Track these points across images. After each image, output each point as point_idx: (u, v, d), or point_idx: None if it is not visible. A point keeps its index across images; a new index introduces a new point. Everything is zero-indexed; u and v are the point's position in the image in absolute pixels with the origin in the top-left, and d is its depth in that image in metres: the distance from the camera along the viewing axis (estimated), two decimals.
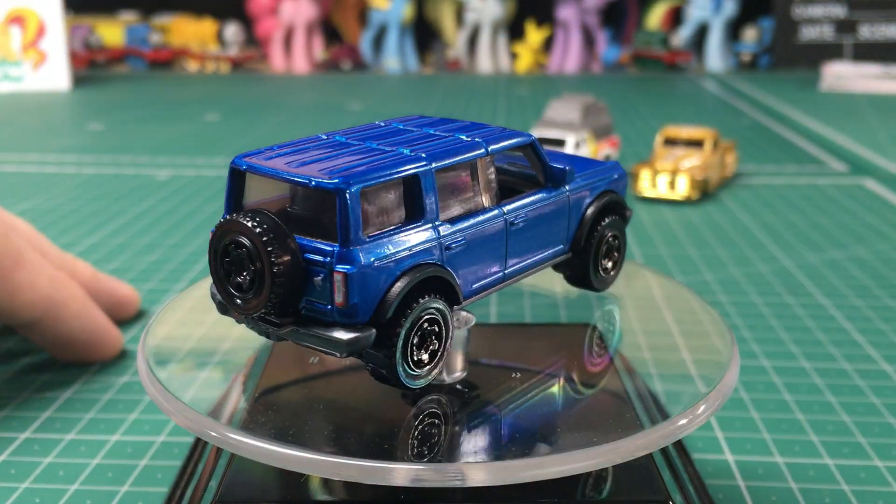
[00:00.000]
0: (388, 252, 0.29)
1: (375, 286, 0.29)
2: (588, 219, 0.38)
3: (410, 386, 0.31)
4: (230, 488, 0.31)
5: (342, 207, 0.28)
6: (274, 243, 0.28)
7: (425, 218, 0.30)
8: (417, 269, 0.30)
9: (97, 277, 0.55)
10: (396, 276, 0.29)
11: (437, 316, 0.31)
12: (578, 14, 2.08)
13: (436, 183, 0.31)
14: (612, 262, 0.40)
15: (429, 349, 0.31)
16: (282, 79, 2.01)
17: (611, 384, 0.37)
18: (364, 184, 0.28)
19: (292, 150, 0.31)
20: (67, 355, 0.50)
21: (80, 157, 1.10)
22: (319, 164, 0.29)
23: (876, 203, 0.87)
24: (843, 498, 0.38)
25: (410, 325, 0.30)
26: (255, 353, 0.41)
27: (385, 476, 0.27)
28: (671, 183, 0.87)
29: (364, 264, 0.28)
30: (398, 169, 0.30)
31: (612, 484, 0.31)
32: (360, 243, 0.28)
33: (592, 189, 0.38)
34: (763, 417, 0.44)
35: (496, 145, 0.34)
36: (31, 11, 1.74)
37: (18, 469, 0.40)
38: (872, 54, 1.95)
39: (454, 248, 0.31)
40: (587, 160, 0.40)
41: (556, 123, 0.92)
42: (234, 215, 0.29)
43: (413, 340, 0.30)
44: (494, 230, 0.33)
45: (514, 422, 0.34)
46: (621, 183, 0.40)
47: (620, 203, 0.40)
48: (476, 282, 0.33)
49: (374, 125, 0.35)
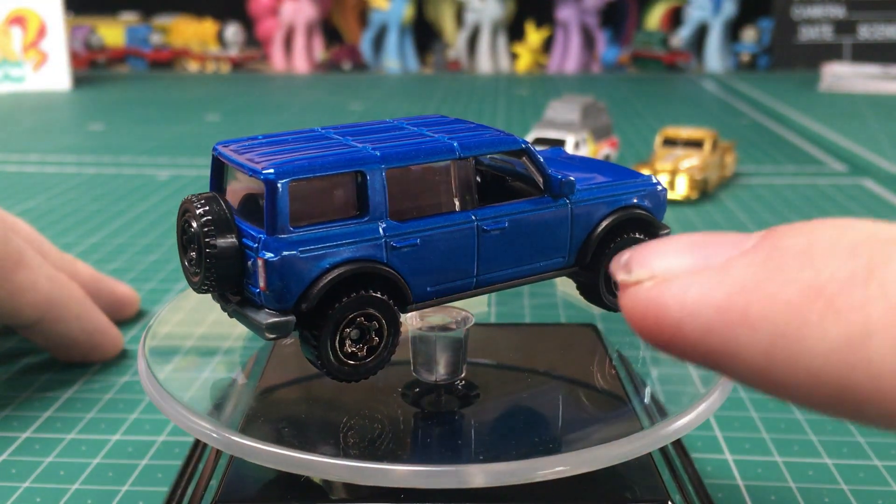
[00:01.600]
0: (316, 244, 0.30)
1: (299, 275, 0.29)
2: (598, 233, 0.35)
3: (344, 378, 0.31)
4: (231, 488, 0.31)
5: (270, 197, 0.29)
6: (212, 227, 0.30)
7: (370, 215, 0.31)
8: (351, 263, 0.30)
9: (97, 278, 0.55)
10: (325, 267, 0.30)
11: (375, 312, 0.31)
12: (578, 14, 2.08)
13: (385, 181, 0.31)
14: None
15: (368, 345, 0.31)
16: (282, 79, 2.01)
17: (610, 384, 0.37)
18: (295, 177, 0.29)
19: (271, 141, 0.32)
20: (68, 356, 0.50)
21: (81, 158, 1.10)
22: (276, 155, 0.30)
23: (875, 203, 0.87)
24: (842, 497, 0.38)
25: (339, 317, 0.30)
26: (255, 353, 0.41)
27: (384, 478, 0.27)
28: (670, 183, 0.87)
29: (287, 253, 0.29)
30: (340, 165, 0.30)
31: (611, 484, 0.31)
32: (285, 233, 0.29)
33: (611, 202, 0.35)
34: (762, 417, 0.45)
35: (473, 150, 0.32)
36: (31, 12, 1.74)
37: (19, 468, 0.40)
38: (871, 55, 1.95)
39: (403, 247, 0.31)
40: (623, 171, 0.38)
41: (555, 124, 0.92)
42: (191, 197, 0.31)
43: (350, 334, 0.30)
44: (461, 234, 0.32)
45: (513, 422, 0.34)
46: (654, 200, 0.37)
47: (646, 220, 0.36)
48: (436, 284, 0.32)
49: (375, 122, 0.35)
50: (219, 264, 0.30)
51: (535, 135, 0.92)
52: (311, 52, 2.18)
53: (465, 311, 0.36)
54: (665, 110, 1.48)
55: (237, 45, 2.17)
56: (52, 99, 1.65)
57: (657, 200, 0.37)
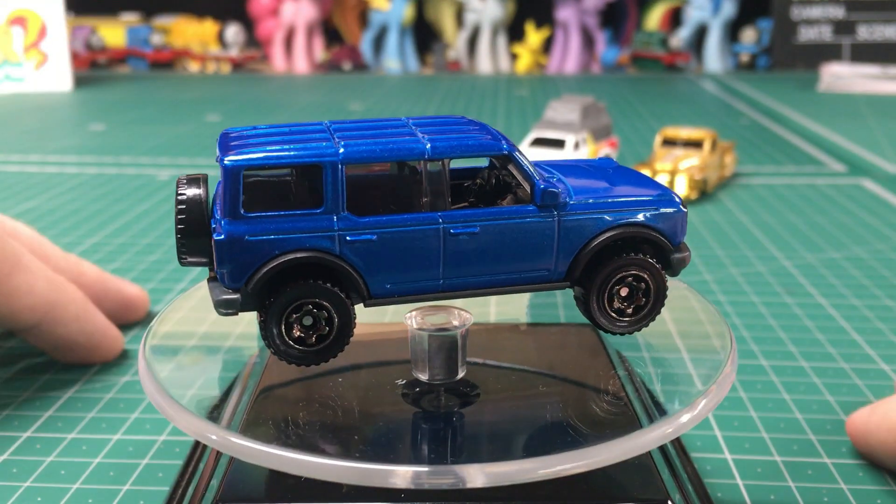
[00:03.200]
0: (266, 230, 0.31)
1: (247, 258, 0.31)
2: (590, 249, 0.33)
3: (293, 362, 0.32)
4: (231, 487, 0.31)
5: (225, 183, 0.31)
6: (183, 204, 0.32)
7: (325, 207, 0.31)
8: (301, 251, 0.31)
9: (104, 278, 0.55)
10: (274, 253, 0.31)
11: (322, 301, 0.32)
12: (578, 15, 2.08)
13: (343, 177, 0.31)
14: (631, 307, 0.35)
15: (317, 333, 0.32)
16: (282, 79, 2.02)
17: (610, 384, 0.37)
18: (249, 165, 0.31)
19: (263, 132, 0.33)
20: (68, 357, 0.50)
21: (82, 158, 1.10)
22: (247, 146, 0.32)
23: (874, 203, 0.87)
24: (842, 496, 0.38)
25: (285, 301, 0.31)
26: (255, 353, 0.41)
27: (385, 478, 0.27)
28: (670, 183, 0.87)
29: (235, 236, 0.31)
30: (298, 159, 0.31)
31: (611, 483, 0.31)
32: (238, 217, 0.31)
33: (611, 218, 0.33)
34: (761, 416, 0.45)
35: (444, 153, 0.32)
36: (32, 12, 1.74)
37: (20, 468, 0.40)
38: (870, 55, 1.95)
39: (357, 242, 0.32)
40: (642, 183, 0.36)
41: (555, 124, 0.92)
42: (185, 176, 0.33)
43: (300, 319, 0.32)
44: (424, 235, 0.32)
45: (513, 422, 0.34)
46: (668, 220, 0.34)
47: (655, 242, 0.34)
48: (397, 283, 0.32)
49: (382, 119, 0.35)
50: (187, 240, 0.32)
51: (535, 135, 0.92)
52: (311, 53, 2.18)
53: (464, 311, 0.36)
54: (665, 110, 1.48)
55: (238, 46, 2.17)
56: (52, 99, 1.65)
57: (672, 221, 0.34)
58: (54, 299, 0.47)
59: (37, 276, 0.46)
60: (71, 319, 0.48)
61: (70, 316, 0.48)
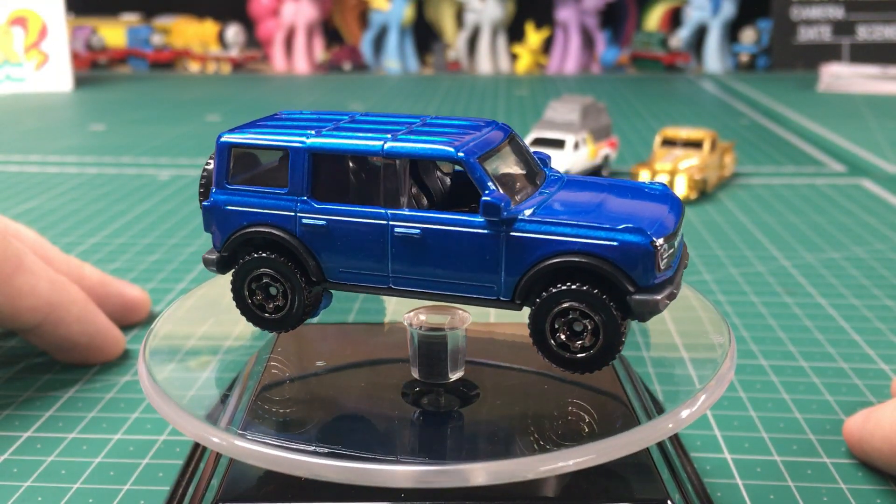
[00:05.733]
0: (241, 202, 0.35)
1: (222, 224, 0.35)
2: (531, 273, 0.31)
3: (257, 325, 0.36)
4: (231, 487, 0.31)
5: (217, 156, 0.35)
6: (205, 174, 0.36)
7: (289, 189, 0.34)
8: (263, 226, 0.34)
9: (105, 281, 0.55)
10: (242, 224, 0.35)
11: (276, 274, 0.34)
12: (577, 15, 2.08)
13: (308, 164, 0.33)
14: (580, 342, 0.31)
15: (273, 302, 0.35)
16: (283, 80, 2.02)
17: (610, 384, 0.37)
18: (235, 144, 0.35)
19: (294, 116, 0.37)
20: (69, 358, 0.50)
21: (82, 158, 1.10)
22: (260, 127, 0.35)
23: (873, 203, 0.87)
24: (841, 496, 0.38)
25: (245, 269, 0.35)
26: (255, 353, 0.41)
27: (386, 478, 0.27)
28: (670, 183, 0.87)
29: (217, 203, 0.35)
30: (273, 142, 0.34)
31: (611, 483, 0.31)
32: (222, 188, 0.35)
33: (562, 242, 0.31)
34: (761, 416, 0.45)
35: (399, 153, 0.32)
36: (33, 13, 1.74)
37: (21, 468, 0.40)
38: (870, 55, 1.95)
39: (311, 225, 0.33)
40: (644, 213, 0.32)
41: (555, 124, 0.92)
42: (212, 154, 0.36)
43: (264, 289, 0.35)
44: (370, 229, 0.33)
45: (513, 422, 0.34)
46: (629, 255, 0.30)
47: (601, 274, 0.30)
48: (346, 269, 0.34)
49: (397, 115, 0.37)
50: (204, 185, 0.36)
51: (534, 135, 0.92)
52: (311, 53, 2.18)
53: (464, 312, 0.36)
54: (664, 110, 1.48)
55: (238, 46, 2.18)
56: (53, 99, 1.65)
57: (632, 257, 0.30)
58: (56, 300, 0.47)
59: (39, 277, 0.47)
60: (73, 320, 0.48)
61: (72, 317, 0.48)
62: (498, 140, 0.34)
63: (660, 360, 0.41)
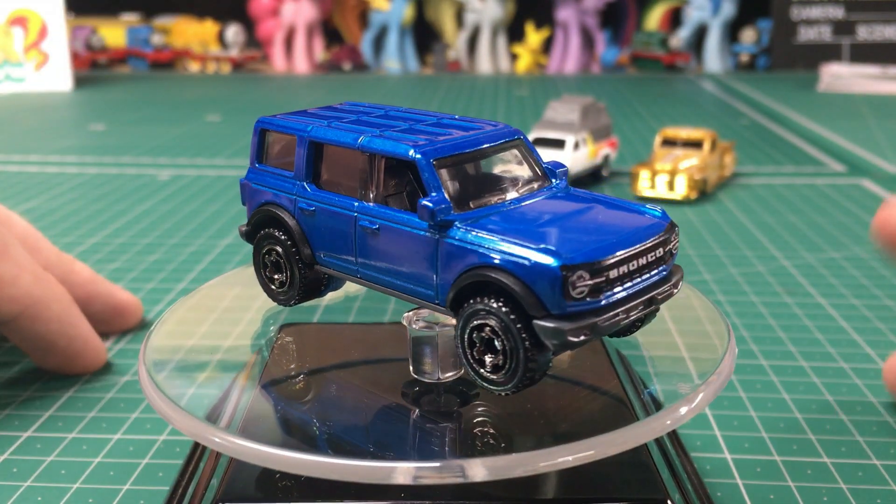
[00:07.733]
0: (262, 181, 0.38)
1: (250, 200, 0.39)
2: (457, 282, 0.31)
3: (270, 296, 0.39)
4: (231, 487, 0.31)
5: (253, 138, 0.39)
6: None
7: (294, 174, 0.37)
8: (272, 206, 0.37)
9: (95, 280, 0.54)
10: (262, 202, 0.38)
11: (278, 250, 0.37)
12: (577, 15, 2.08)
13: (309, 152, 0.36)
14: (493, 362, 0.30)
15: (279, 276, 0.38)
16: (283, 79, 2.02)
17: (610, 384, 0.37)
18: (265, 127, 0.38)
19: (334, 108, 0.40)
20: (47, 362, 0.48)
21: (82, 158, 1.10)
22: (298, 115, 0.38)
23: (873, 203, 0.87)
24: (841, 496, 0.38)
25: (258, 245, 0.38)
26: (255, 353, 0.41)
27: (387, 476, 0.27)
28: (670, 183, 0.87)
29: (248, 180, 0.39)
30: (289, 129, 0.37)
31: (611, 482, 0.31)
32: (253, 167, 0.39)
33: (482, 255, 0.30)
34: (761, 416, 0.45)
35: (370, 149, 0.33)
36: (33, 13, 1.74)
37: (21, 467, 0.40)
38: (870, 55, 1.95)
39: (303, 209, 0.36)
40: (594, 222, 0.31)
41: (555, 124, 0.92)
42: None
43: (274, 263, 0.38)
44: (341, 220, 0.35)
45: (513, 421, 0.34)
46: (538, 278, 0.28)
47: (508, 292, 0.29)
48: (329, 254, 0.36)
49: (415, 112, 0.39)
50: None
51: (534, 135, 0.92)
52: (311, 53, 2.18)
53: None
54: (664, 110, 1.48)
55: (238, 46, 2.18)
56: (53, 99, 1.65)
57: (541, 277, 0.28)
58: (38, 294, 0.46)
59: (23, 267, 0.45)
60: (52, 318, 0.47)
61: (52, 314, 0.47)
62: (485, 144, 0.34)
63: (660, 359, 0.40)
